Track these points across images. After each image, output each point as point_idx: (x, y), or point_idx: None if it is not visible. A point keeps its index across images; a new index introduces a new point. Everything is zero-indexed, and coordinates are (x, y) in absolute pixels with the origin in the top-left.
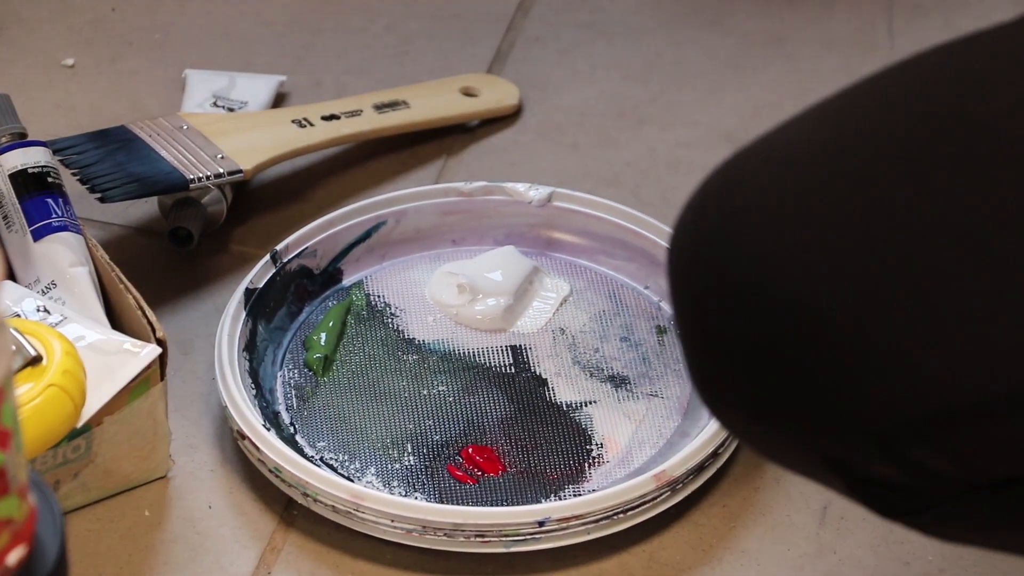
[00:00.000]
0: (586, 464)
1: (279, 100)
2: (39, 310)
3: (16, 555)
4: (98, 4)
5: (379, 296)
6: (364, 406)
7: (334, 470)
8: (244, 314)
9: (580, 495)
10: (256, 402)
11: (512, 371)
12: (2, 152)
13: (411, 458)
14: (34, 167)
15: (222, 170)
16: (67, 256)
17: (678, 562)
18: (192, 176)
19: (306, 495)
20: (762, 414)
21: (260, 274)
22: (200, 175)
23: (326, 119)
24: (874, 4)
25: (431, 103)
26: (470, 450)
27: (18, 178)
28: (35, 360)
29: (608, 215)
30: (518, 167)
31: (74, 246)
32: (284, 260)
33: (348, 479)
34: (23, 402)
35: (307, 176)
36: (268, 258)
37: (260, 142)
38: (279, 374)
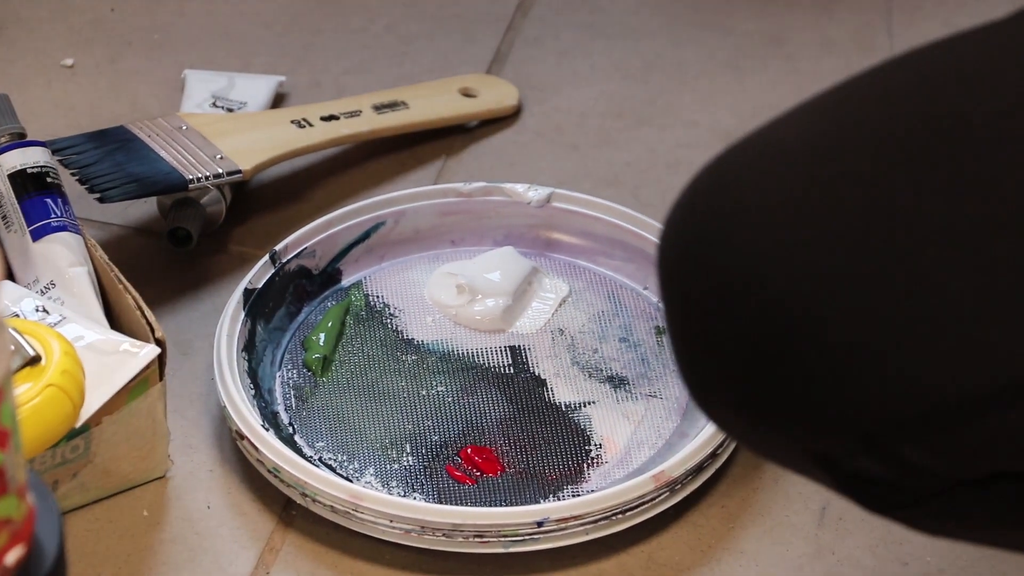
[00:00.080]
0: (585, 465)
1: (278, 100)
2: (38, 310)
3: (15, 555)
4: (98, 4)
5: (378, 296)
6: (363, 406)
7: (333, 470)
8: (243, 314)
9: (579, 495)
10: (255, 402)
11: (511, 371)
12: (1, 152)
13: (410, 458)
14: (33, 167)
15: (221, 170)
16: (66, 256)
17: (677, 562)
18: (191, 176)
19: (305, 495)
20: (749, 410)
21: (259, 274)
22: (199, 175)
23: (325, 119)
24: (873, 5)
25: (430, 104)
26: (469, 450)
27: (17, 178)
28: (34, 360)
29: (607, 216)
30: (517, 168)
31: (73, 246)
32: (283, 260)
33: (347, 479)
34: (22, 402)
35: (306, 176)
36: (267, 258)
37: (259, 143)
38: (278, 374)
